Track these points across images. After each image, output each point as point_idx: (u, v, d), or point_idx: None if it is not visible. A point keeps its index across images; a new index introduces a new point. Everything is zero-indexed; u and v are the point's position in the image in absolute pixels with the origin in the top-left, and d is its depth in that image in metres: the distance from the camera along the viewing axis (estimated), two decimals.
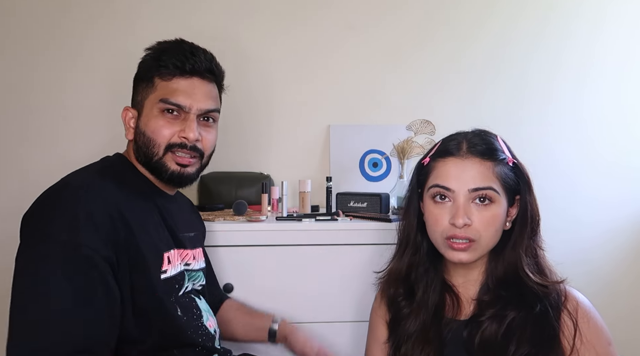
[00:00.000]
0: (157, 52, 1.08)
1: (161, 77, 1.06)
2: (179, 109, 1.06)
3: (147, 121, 1.06)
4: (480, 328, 0.97)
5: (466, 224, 0.96)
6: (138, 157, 1.08)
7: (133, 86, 1.11)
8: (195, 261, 1.16)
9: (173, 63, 1.06)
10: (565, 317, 0.96)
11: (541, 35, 1.85)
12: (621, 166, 1.88)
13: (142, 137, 1.06)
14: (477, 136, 1.03)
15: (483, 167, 0.97)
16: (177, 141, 1.06)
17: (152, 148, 1.05)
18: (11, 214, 1.10)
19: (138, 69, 1.10)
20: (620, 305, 1.80)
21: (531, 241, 1.01)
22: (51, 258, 0.87)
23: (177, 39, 1.12)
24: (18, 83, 1.72)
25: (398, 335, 1.06)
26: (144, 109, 1.07)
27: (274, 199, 1.56)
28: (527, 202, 1.00)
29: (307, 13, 1.80)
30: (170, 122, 1.06)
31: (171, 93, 1.05)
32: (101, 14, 1.73)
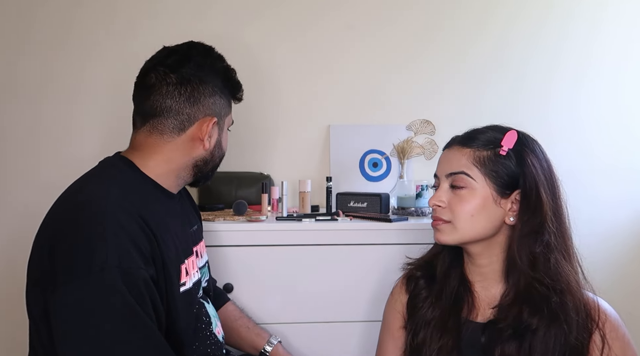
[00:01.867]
0: (236, 81, 1.15)
1: (236, 100, 1.17)
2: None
3: (225, 136, 1.13)
4: (499, 337, 0.97)
5: (436, 204, 1.03)
6: (201, 166, 1.09)
7: (210, 94, 1.07)
8: (199, 258, 1.16)
9: (241, 93, 1.17)
10: (594, 331, 0.95)
11: (540, 35, 1.85)
12: (619, 166, 1.88)
13: (219, 151, 1.11)
14: (482, 128, 1.06)
15: (460, 153, 1.03)
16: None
17: (221, 161, 1.15)
18: (23, 214, 1.10)
19: (224, 85, 1.11)
20: (621, 304, 1.80)
21: (532, 238, 0.99)
22: (104, 293, 0.82)
23: (216, 54, 1.14)
24: (22, 84, 1.72)
25: (416, 321, 1.07)
26: (224, 124, 1.12)
27: (274, 199, 1.56)
28: (524, 195, 0.99)
29: (308, 13, 1.80)
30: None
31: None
32: (106, 16, 1.73)
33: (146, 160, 1.03)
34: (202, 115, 1.04)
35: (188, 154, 1.06)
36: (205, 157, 1.08)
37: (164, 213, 1.01)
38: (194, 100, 1.03)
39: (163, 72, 1.03)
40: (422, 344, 1.04)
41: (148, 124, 1.04)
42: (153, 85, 1.03)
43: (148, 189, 1.01)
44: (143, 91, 1.04)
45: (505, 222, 1.01)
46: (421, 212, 1.53)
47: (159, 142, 1.04)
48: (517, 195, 1.00)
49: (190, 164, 1.07)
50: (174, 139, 1.04)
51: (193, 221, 1.20)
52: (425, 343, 1.03)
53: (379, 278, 1.37)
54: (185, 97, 1.03)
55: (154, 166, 1.03)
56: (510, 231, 1.02)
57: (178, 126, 1.04)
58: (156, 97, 1.02)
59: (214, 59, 1.10)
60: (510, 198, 1.01)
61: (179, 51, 1.07)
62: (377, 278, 1.37)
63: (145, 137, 1.04)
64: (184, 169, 1.07)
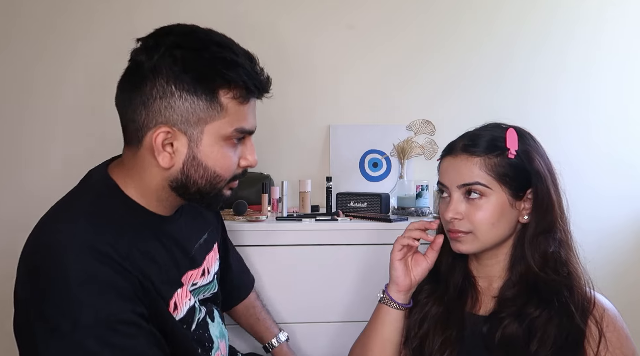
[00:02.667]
0: (219, 62, 0.84)
1: (233, 99, 0.85)
2: (244, 136, 0.90)
3: (209, 152, 0.85)
4: (501, 325, 0.97)
5: (454, 218, 1.00)
6: (179, 189, 0.87)
7: (162, 91, 0.82)
8: (206, 275, 1.02)
9: (249, 84, 0.86)
10: (591, 324, 0.95)
11: (542, 35, 1.85)
12: (624, 164, 1.88)
13: (199, 171, 0.86)
14: (482, 130, 1.05)
15: (470, 163, 1.00)
16: (239, 171, 0.92)
17: (216, 184, 0.88)
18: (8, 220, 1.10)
19: (181, 74, 0.82)
20: (622, 300, 1.80)
21: (545, 235, 1.00)
22: (92, 345, 0.74)
23: (215, 37, 0.87)
24: (11, 83, 1.72)
25: (419, 315, 1.08)
26: (203, 135, 0.84)
27: (274, 199, 1.56)
28: (537, 194, 1.00)
29: (308, 13, 1.80)
30: (235, 151, 0.89)
31: (244, 119, 0.87)
32: (97, 9, 1.73)
33: (126, 178, 0.88)
34: (152, 124, 0.82)
35: (156, 173, 0.86)
36: (178, 179, 0.86)
37: (147, 244, 0.87)
38: (144, 101, 0.82)
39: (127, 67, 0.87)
40: (424, 338, 1.05)
41: (123, 131, 0.89)
42: (119, 84, 0.88)
43: (129, 218, 0.86)
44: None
45: (519, 221, 1.02)
46: (421, 212, 1.53)
47: (129, 155, 0.88)
48: (530, 194, 1.01)
49: (166, 186, 0.87)
50: (136, 153, 0.86)
51: (203, 229, 1.06)
52: (428, 337, 1.04)
53: (379, 278, 1.36)
54: (137, 97, 0.83)
55: (132, 185, 0.87)
56: (520, 228, 1.02)
57: (134, 136, 0.85)
58: (121, 97, 0.87)
59: (179, 41, 0.83)
60: (523, 198, 1.01)
61: (149, 36, 0.86)
62: (377, 278, 1.36)
63: (124, 148, 0.89)
64: (162, 191, 0.88)
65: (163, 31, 0.85)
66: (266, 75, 0.91)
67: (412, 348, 1.07)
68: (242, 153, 0.91)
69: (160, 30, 0.86)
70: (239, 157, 0.90)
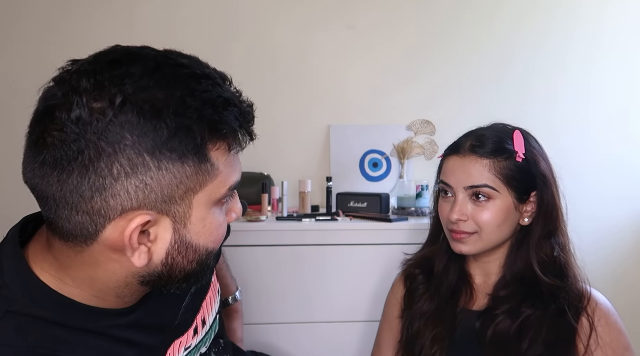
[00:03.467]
0: (208, 106, 0.58)
1: (226, 150, 0.62)
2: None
3: (201, 227, 0.62)
4: (493, 322, 0.98)
5: (460, 219, 0.99)
6: (157, 282, 0.64)
7: (129, 166, 0.55)
8: (200, 330, 0.81)
9: (243, 127, 0.63)
10: (584, 319, 0.96)
11: (542, 35, 1.85)
12: (623, 164, 1.88)
13: (189, 255, 0.63)
14: (488, 130, 1.04)
15: (479, 164, 0.99)
16: (225, 233, 0.69)
17: (207, 260, 0.66)
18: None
19: (156, 136, 0.55)
20: (622, 302, 1.80)
21: (547, 239, 1.00)
22: None
23: (187, 66, 0.60)
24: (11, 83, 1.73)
25: (412, 312, 1.08)
26: (192, 209, 0.61)
27: (274, 199, 1.56)
28: (542, 198, 1.00)
29: (307, 13, 1.80)
30: (223, 212, 0.68)
31: (234, 172, 0.65)
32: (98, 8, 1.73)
33: (62, 275, 0.62)
34: (116, 212, 0.56)
35: (120, 271, 0.62)
36: (157, 273, 0.63)
37: (103, 351, 0.64)
38: (98, 185, 0.55)
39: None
40: (416, 334, 1.06)
41: (46, 218, 0.61)
42: (30, 151, 0.58)
43: (69, 330, 0.61)
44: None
45: (519, 223, 1.02)
46: (421, 212, 1.53)
47: (64, 250, 0.61)
48: (533, 197, 1.01)
49: (134, 282, 0.63)
50: (83, 250, 0.59)
51: (183, 293, 0.77)
52: (419, 333, 1.05)
53: (379, 278, 1.37)
54: (81, 178, 0.55)
55: (72, 285, 0.62)
56: (520, 229, 1.02)
57: (80, 232, 0.58)
58: (40, 173, 0.57)
59: (147, 83, 0.56)
60: (527, 200, 1.01)
61: (83, 72, 0.56)
62: (377, 278, 1.37)
63: (53, 239, 0.61)
64: (125, 287, 0.64)
65: (105, 62, 0.56)
66: (249, 101, 0.66)
67: (405, 345, 1.08)
68: (227, 208, 0.69)
69: (98, 61, 0.57)
70: (225, 215, 0.68)
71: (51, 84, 0.56)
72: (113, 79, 0.54)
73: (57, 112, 0.54)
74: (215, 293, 0.86)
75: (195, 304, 0.80)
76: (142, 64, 0.56)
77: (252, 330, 1.36)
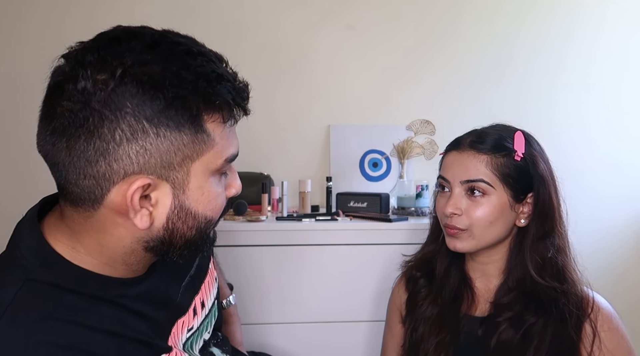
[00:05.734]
0: (202, 80, 0.62)
1: (221, 122, 0.66)
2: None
3: (200, 194, 0.67)
4: (497, 330, 0.97)
5: (454, 213, 0.99)
6: (160, 247, 0.68)
7: (130, 132, 0.60)
8: (200, 312, 0.85)
9: (237, 100, 0.67)
10: (587, 324, 0.95)
11: (542, 35, 1.85)
12: (623, 164, 1.88)
13: (188, 221, 0.67)
14: (490, 129, 1.05)
15: (476, 160, 0.99)
16: (226, 203, 0.74)
17: (206, 229, 0.71)
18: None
19: (155, 103, 0.60)
20: (622, 302, 1.80)
21: (542, 241, 1.00)
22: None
23: (185, 44, 0.65)
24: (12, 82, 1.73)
25: (415, 317, 1.08)
26: (190, 176, 0.65)
27: (274, 199, 1.56)
28: (538, 199, 1.00)
29: (308, 13, 1.80)
30: (222, 185, 0.72)
31: (231, 144, 0.70)
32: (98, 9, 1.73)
33: (75, 244, 0.67)
34: (119, 176, 0.61)
35: (126, 236, 0.66)
36: (159, 237, 0.67)
37: (112, 319, 0.67)
38: (103, 149, 0.60)
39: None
40: (420, 340, 1.05)
41: (58, 187, 0.66)
42: (44, 120, 0.63)
43: (81, 296, 0.65)
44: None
45: (515, 224, 1.02)
46: (421, 212, 1.53)
47: (75, 217, 0.66)
48: (530, 198, 1.01)
49: (139, 248, 0.68)
50: (91, 214, 0.64)
51: (186, 269, 0.84)
52: (424, 339, 1.04)
53: (379, 278, 1.37)
54: (87, 143, 0.60)
55: (84, 254, 0.67)
56: (517, 231, 1.02)
57: (87, 196, 0.63)
58: (52, 140, 0.62)
59: (148, 58, 0.61)
60: (523, 201, 1.01)
61: (87, 49, 0.61)
62: (377, 278, 1.37)
63: (65, 207, 0.67)
64: (131, 254, 0.68)
65: (107, 40, 0.62)
66: (245, 81, 0.70)
67: (408, 351, 1.07)
68: (226, 183, 0.73)
69: (102, 39, 0.62)
70: (224, 188, 0.73)
71: (60, 61, 0.62)
72: (115, 54, 0.60)
73: (65, 84, 0.59)
74: (213, 280, 0.90)
75: (195, 285, 0.84)
76: (141, 40, 0.61)
77: (251, 330, 1.36)
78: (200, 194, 0.67)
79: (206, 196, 0.68)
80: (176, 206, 0.66)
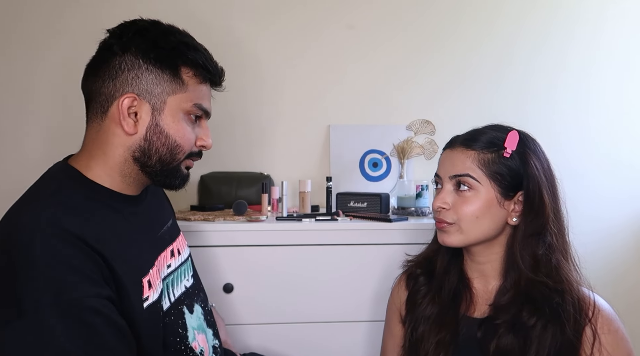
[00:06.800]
0: (182, 45, 0.94)
1: (193, 77, 0.94)
2: (200, 116, 0.97)
3: (171, 121, 0.92)
4: (496, 333, 0.97)
5: (441, 207, 1.03)
6: (141, 158, 0.92)
7: (130, 64, 0.90)
8: (177, 256, 1.05)
9: (206, 66, 0.95)
10: (587, 327, 0.95)
11: (543, 35, 1.85)
12: (623, 164, 1.88)
13: (161, 138, 0.92)
14: (485, 128, 1.06)
15: (464, 155, 1.02)
16: (196, 149, 0.98)
17: (176, 154, 0.94)
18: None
19: (149, 50, 0.91)
20: (622, 301, 1.80)
21: (534, 238, 1.00)
22: (49, 328, 0.73)
23: (177, 28, 0.98)
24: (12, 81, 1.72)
25: (415, 316, 1.08)
26: (165, 105, 0.91)
27: (274, 199, 1.56)
28: (527, 197, 1.00)
29: (308, 14, 1.80)
30: (193, 129, 0.96)
31: (202, 98, 0.96)
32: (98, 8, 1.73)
33: (89, 161, 0.91)
34: (119, 93, 0.89)
35: (119, 144, 0.90)
36: (141, 146, 0.91)
37: (118, 225, 0.89)
38: (112, 74, 0.90)
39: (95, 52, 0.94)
40: (420, 339, 1.05)
41: (87, 113, 0.93)
42: (87, 67, 0.94)
43: (94, 201, 0.88)
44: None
45: (507, 222, 1.02)
46: (421, 212, 1.53)
47: (92, 134, 0.92)
48: (520, 196, 1.01)
49: (129, 157, 0.91)
50: (101, 127, 0.91)
51: (166, 217, 1.09)
52: (424, 338, 1.05)
53: (379, 278, 1.37)
54: (105, 72, 0.90)
55: (95, 166, 0.90)
56: (512, 231, 1.02)
57: (100, 109, 0.90)
58: (88, 78, 0.93)
59: (147, 26, 0.94)
60: (513, 199, 1.01)
61: (117, 26, 0.95)
62: (377, 278, 1.37)
63: (87, 132, 0.93)
64: (124, 164, 0.91)
65: (129, 22, 0.95)
66: (220, 66, 1.00)
67: (408, 351, 1.07)
68: (198, 134, 0.98)
69: (126, 22, 0.95)
70: (196, 137, 0.97)
71: (107, 35, 0.94)
72: (132, 27, 0.93)
73: (102, 46, 0.94)
74: (184, 244, 1.12)
75: (172, 234, 1.07)
76: (149, 25, 0.94)
77: (251, 330, 1.36)
78: (172, 121, 0.92)
79: (177, 125, 0.93)
80: (153, 123, 0.91)
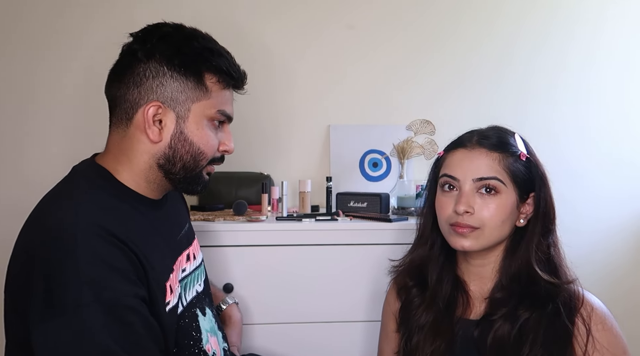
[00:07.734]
0: (206, 51, 0.93)
1: (217, 83, 0.94)
2: (223, 121, 0.98)
3: (195, 128, 0.92)
4: (492, 328, 0.97)
5: (467, 211, 0.97)
6: (166, 165, 0.92)
7: (154, 71, 0.89)
8: (192, 261, 1.05)
9: (230, 72, 0.95)
10: (579, 322, 0.95)
11: (542, 35, 1.85)
12: (625, 164, 1.88)
13: (185, 146, 0.91)
14: (491, 130, 1.05)
15: (489, 158, 0.99)
16: (218, 155, 0.98)
17: (199, 161, 0.94)
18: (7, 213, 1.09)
19: (173, 57, 0.90)
20: (623, 302, 1.80)
21: (545, 238, 1.01)
22: (91, 328, 0.73)
23: (200, 32, 0.97)
24: (5, 82, 1.72)
25: (409, 326, 1.07)
26: (190, 113, 0.91)
27: (274, 199, 1.56)
28: (540, 199, 1.00)
29: (308, 14, 1.80)
30: (216, 134, 0.96)
31: (225, 103, 0.96)
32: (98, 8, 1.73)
33: (116, 165, 0.91)
34: (144, 100, 0.89)
35: (144, 151, 0.90)
36: (165, 154, 0.91)
37: (145, 227, 0.90)
38: (137, 81, 0.89)
39: (119, 56, 0.94)
40: (415, 349, 1.04)
41: (111, 118, 0.93)
42: (110, 72, 0.94)
43: (124, 202, 0.89)
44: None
45: (515, 224, 1.02)
46: None
47: (116, 139, 0.92)
48: (531, 198, 1.01)
49: (154, 164, 0.91)
50: (126, 133, 0.91)
51: (183, 221, 1.10)
52: (418, 348, 1.04)
53: (379, 278, 1.36)
54: (130, 79, 0.90)
55: (122, 171, 0.91)
56: (514, 232, 1.02)
57: (124, 115, 0.90)
58: (112, 84, 0.92)
59: (170, 32, 0.93)
60: (526, 201, 1.01)
61: (140, 31, 0.94)
62: (377, 278, 1.37)
63: (111, 136, 0.93)
64: (149, 170, 0.92)
65: (153, 26, 0.94)
66: (243, 69, 1.00)
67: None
68: (221, 139, 0.98)
69: (150, 26, 0.94)
70: (219, 142, 0.97)
71: (130, 39, 0.93)
72: (156, 33, 0.92)
73: (126, 50, 0.93)
74: (198, 249, 1.12)
75: (188, 238, 1.08)
76: (172, 29, 0.94)
77: (251, 331, 1.36)
78: (196, 129, 0.92)
79: (200, 132, 0.93)
80: (177, 131, 0.91)
